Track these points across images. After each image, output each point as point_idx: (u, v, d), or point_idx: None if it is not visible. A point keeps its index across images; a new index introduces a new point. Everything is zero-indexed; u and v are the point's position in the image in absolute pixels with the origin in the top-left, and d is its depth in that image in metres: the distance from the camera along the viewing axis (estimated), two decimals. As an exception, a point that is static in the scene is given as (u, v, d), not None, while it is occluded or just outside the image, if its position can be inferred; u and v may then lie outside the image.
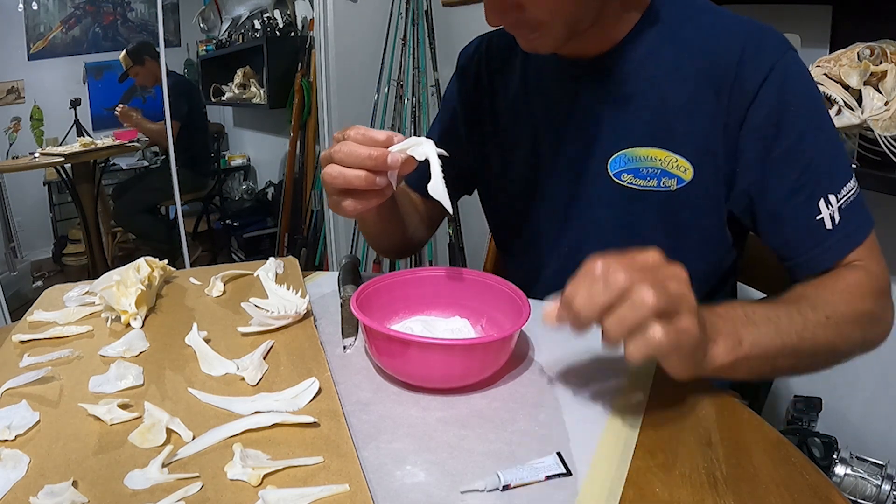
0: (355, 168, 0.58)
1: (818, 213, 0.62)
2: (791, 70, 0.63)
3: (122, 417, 0.47)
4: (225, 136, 3.84)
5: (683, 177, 0.67)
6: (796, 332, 0.54)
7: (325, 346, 0.61)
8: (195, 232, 3.19)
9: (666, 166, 0.67)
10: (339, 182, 0.59)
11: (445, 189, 0.59)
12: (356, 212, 0.62)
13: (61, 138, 3.04)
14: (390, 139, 0.58)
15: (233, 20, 3.37)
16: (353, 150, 0.58)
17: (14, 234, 3.02)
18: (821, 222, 0.62)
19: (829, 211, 0.62)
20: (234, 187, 3.81)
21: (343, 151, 0.58)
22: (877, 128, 0.94)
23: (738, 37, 0.64)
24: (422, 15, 2.21)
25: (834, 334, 0.57)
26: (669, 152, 0.67)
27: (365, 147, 0.58)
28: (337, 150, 0.59)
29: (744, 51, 0.63)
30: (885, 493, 0.98)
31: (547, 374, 0.58)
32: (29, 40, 2.90)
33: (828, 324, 0.57)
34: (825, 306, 0.58)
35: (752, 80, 0.62)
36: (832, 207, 0.62)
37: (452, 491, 0.42)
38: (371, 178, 0.58)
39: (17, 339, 0.61)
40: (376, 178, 0.58)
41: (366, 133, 0.59)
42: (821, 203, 0.62)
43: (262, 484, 0.40)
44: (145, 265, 0.71)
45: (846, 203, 0.62)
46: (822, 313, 0.57)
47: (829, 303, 0.58)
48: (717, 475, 0.44)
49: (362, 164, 0.58)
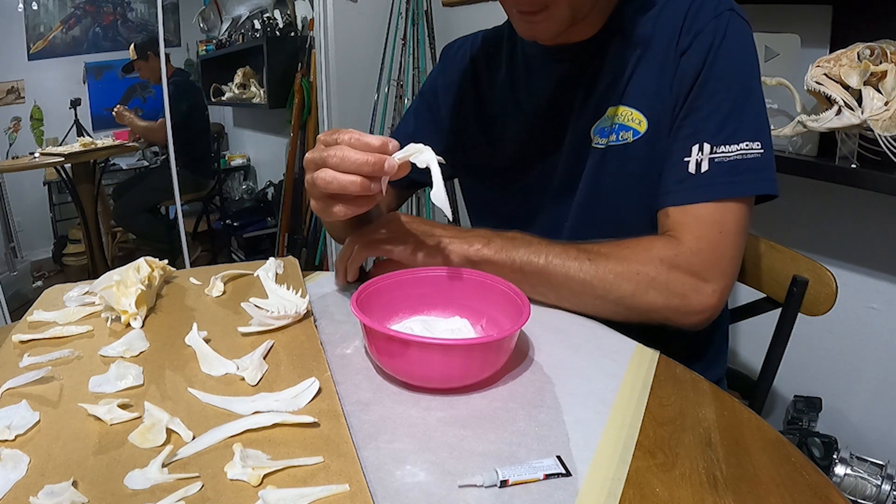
0: (351, 173, 0.58)
1: (687, 154, 0.66)
2: (729, 27, 0.66)
3: (122, 417, 0.47)
4: (225, 136, 3.84)
5: (638, 129, 0.70)
6: (548, 256, 0.64)
7: (325, 346, 0.61)
8: (195, 232, 3.19)
9: (623, 121, 0.71)
10: (333, 187, 0.58)
11: (447, 197, 0.59)
12: (345, 217, 0.62)
13: (61, 138, 3.04)
14: (385, 145, 0.58)
15: (233, 20, 3.37)
16: (348, 155, 0.57)
17: (14, 234, 3.02)
18: (686, 164, 0.65)
19: (699, 157, 0.65)
20: (234, 187, 3.81)
21: (338, 156, 0.57)
22: (877, 128, 0.94)
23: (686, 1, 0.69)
24: (422, 15, 2.21)
25: (589, 273, 0.64)
26: (626, 107, 0.71)
27: (361, 153, 0.57)
28: (331, 154, 0.58)
29: (690, 6, 0.68)
30: (885, 493, 0.98)
31: (547, 374, 0.58)
32: (29, 40, 2.90)
33: (587, 263, 0.64)
34: (598, 250, 0.65)
35: (690, 32, 0.67)
36: (702, 154, 0.65)
37: (452, 490, 0.42)
38: (366, 183, 0.58)
39: (17, 339, 0.61)
40: (371, 184, 0.58)
41: (360, 138, 0.58)
42: (694, 147, 0.65)
43: (262, 484, 0.40)
44: (145, 265, 0.71)
45: (722, 159, 0.64)
46: (587, 254, 0.64)
47: (602, 250, 0.65)
48: (717, 475, 0.44)
49: (359, 169, 0.57)
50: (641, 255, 0.64)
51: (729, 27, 0.66)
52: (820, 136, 1.07)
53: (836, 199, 1.16)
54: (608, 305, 0.65)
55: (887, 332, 1.17)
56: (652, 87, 0.70)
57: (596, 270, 0.64)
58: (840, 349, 1.25)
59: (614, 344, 0.64)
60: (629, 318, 0.66)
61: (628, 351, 0.62)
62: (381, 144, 0.58)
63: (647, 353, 0.62)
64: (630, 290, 0.64)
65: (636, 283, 0.64)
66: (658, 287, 0.64)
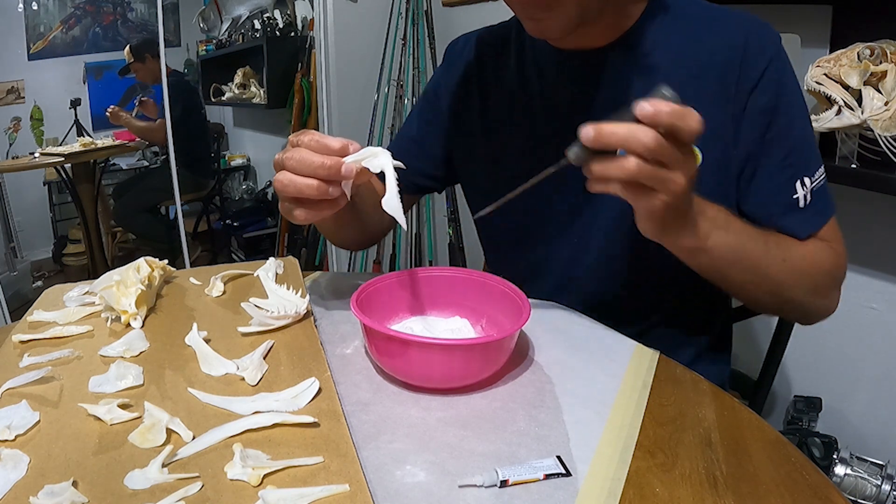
0: (307, 177, 0.55)
1: (795, 192, 0.68)
2: (785, 61, 0.68)
3: (122, 417, 0.47)
4: (225, 136, 3.84)
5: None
6: (757, 255, 0.63)
7: (325, 346, 0.61)
8: (195, 232, 3.19)
9: None
10: (290, 190, 0.56)
11: (400, 204, 0.56)
12: (307, 220, 0.60)
13: (61, 138, 3.04)
14: (345, 148, 0.56)
15: (233, 20, 3.37)
16: (305, 157, 0.55)
17: (14, 234, 3.02)
18: (795, 201, 0.68)
19: (804, 191, 0.68)
20: (234, 187, 3.81)
21: (295, 159, 0.55)
22: (877, 128, 0.94)
23: (741, 28, 0.68)
24: (422, 15, 2.21)
25: (784, 276, 0.66)
26: None
27: (318, 155, 0.55)
28: (289, 156, 0.56)
29: (747, 41, 0.67)
30: (885, 493, 0.98)
31: (547, 374, 0.58)
32: (29, 40, 2.90)
33: (782, 265, 0.65)
34: (787, 250, 0.66)
35: (755, 69, 0.67)
36: (806, 188, 0.68)
37: (452, 490, 0.42)
38: (323, 187, 0.55)
39: (17, 339, 0.61)
40: (329, 188, 0.56)
41: (320, 140, 0.56)
42: (797, 184, 0.68)
43: (262, 484, 0.40)
44: (145, 265, 0.71)
45: (817, 186, 0.69)
46: (781, 254, 0.65)
47: (791, 250, 0.67)
48: (717, 475, 0.44)
49: (314, 172, 0.55)
50: (812, 256, 0.68)
51: (785, 62, 0.68)
52: (820, 136, 1.07)
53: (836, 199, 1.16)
54: (778, 304, 0.71)
55: (887, 332, 1.17)
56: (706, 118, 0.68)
57: (788, 275, 0.67)
58: (840, 349, 1.25)
59: (614, 344, 0.64)
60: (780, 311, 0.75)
61: (628, 351, 0.62)
62: (340, 147, 0.56)
63: (647, 353, 0.62)
64: (802, 294, 0.68)
65: (808, 287, 0.68)
66: (820, 292, 0.70)
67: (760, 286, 0.66)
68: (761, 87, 0.67)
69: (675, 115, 0.48)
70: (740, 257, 0.62)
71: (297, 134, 0.59)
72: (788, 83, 0.68)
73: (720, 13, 0.70)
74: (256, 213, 3.45)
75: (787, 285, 0.66)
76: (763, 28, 0.69)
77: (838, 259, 0.70)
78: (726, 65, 0.67)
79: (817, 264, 0.68)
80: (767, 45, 0.67)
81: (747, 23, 0.69)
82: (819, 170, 0.69)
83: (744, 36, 0.67)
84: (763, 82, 0.67)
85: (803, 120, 0.69)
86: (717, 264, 0.62)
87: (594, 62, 0.72)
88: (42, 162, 2.73)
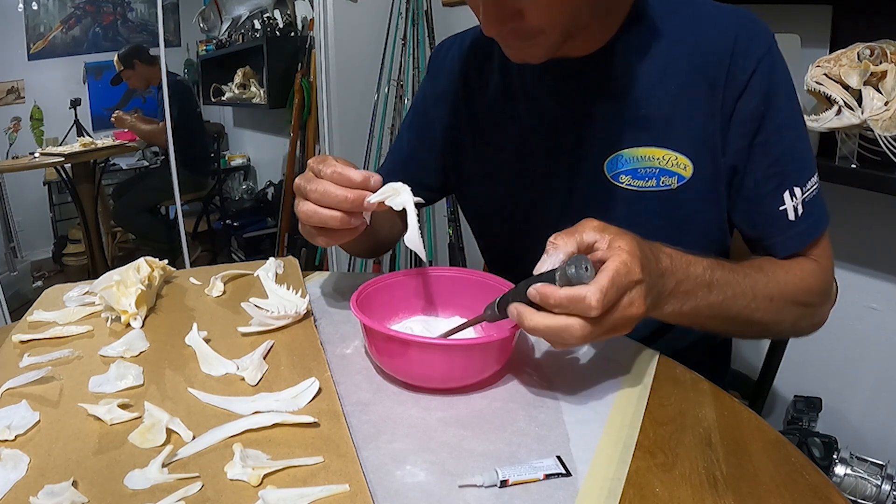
0: (331, 209, 0.58)
1: (782, 203, 0.65)
2: (776, 62, 0.65)
3: (122, 417, 0.47)
4: (225, 136, 3.84)
5: (683, 174, 0.67)
6: (740, 305, 0.60)
7: (325, 346, 0.61)
8: (195, 232, 3.19)
9: (665, 165, 0.67)
10: (314, 221, 0.59)
11: (422, 240, 0.59)
12: (329, 245, 0.64)
13: (61, 138, 3.04)
14: (367, 180, 0.58)
15: (233, 20, 3.37)
16: (329, 190, 0.58)
17: (14, 234, 3.01)
18: (783, 213, 0.65)
19: (794, 203, 0.65)
20: (234, 187, 3.81)
21: (319, 192, 0.58)
22: (877, 128, 0.94)
23: (729, 28, 0.65)
24: (422, 15, 2.21)
25: (770, 315, 0.63)
26: (668, 150, 0.67)
27: (342, 189, 0.58)
28: (313, 189, 0.58)
29: (736, 43, 0.64)
30: (885, 493, 0.98)
31: (547, 374, 0.58)
32: (29, 40, 2.90)
33: (769, 306, 0.62)
34: (775, 287, 0.63)
35: (744, 72, 0.64)
36: (796, 199, 0.65)
37: (452, 490, 0.42)
38: (346, 219, 0.58)
39: (17, 339, 0.61)
40: (351, 220, 0.59)
41: (342, 173, 0.58)
42: (786, 195, 0.65)
43: (262, 484, 0.40)
44: (145, 265, 0.71)
45: (809, 196, 0.66)
46: (769, 294, 0.62)
47: (779, 285, 0.63)
48: (717, 475, 0.44)
49: (339, 205, 0.58)
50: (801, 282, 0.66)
51: (776, 62, 0.65)
52: (820, 136, 1.07)
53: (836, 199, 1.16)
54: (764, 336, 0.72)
55: (887, 332, 1.17)
56: (698, 127, 0.66)
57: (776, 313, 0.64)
58: (840, 349, 1.25)
59: (614, 344, 0.64)
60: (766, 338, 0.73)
61: (628, 351, 0.62)
62: (362, 180, 0.58)
63: (647, 353, 0.62)
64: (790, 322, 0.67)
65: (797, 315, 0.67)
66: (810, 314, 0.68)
67: (747, 330, 0.66)
68: (748, 92, 0.64)
69: (565, 305, 0.46)
70: (723, 311, 0.60)
71: (318, 161, 0.61)
72: (779, 86, 0.65)
73: (708, 12, 0.67)
74: (256, 213, 3.44)
75: (774, 321, 0.65)
76: (753, 26, 0.65)
77: (825, 275, 0.68)
78: (714, 68, 0.65)
79: (805, 289, 0.66)
80: (756, 46, 0.64)
81: (736, 22, 0.65)
82: (811, 179, 0.66)
83: (732, 37, 0.64)
84: (751, 86, 0.64)
85: (794, 126, 0.66)
86: (692, 320, 0.59)
87: (578, 69, 0.69)
88: (42, 162, 2.72)
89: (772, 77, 0.64)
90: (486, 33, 0.60)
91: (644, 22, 0.67)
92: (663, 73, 0.67)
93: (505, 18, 0.58)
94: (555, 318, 0.47)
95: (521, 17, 0.58)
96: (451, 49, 0.84)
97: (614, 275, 0.46)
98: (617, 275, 0.46)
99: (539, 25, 0.58)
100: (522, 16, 0.58)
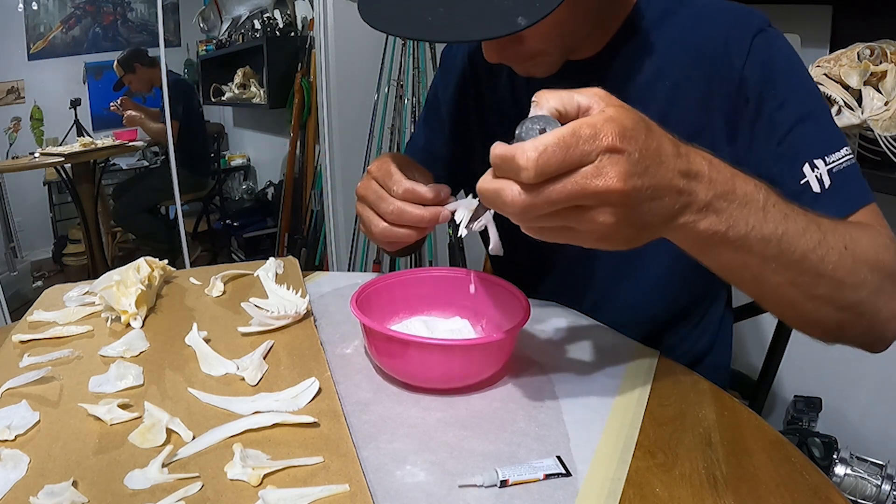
0: (407, 227, 0.61)
1: (802, 177, 0.58)
2: (771, 42, 0.62)
3: (122, 417, 0.47)
4: (225, 136, 3.84)
5: None
6: (805, 246, 0.47)
7: (325, 346, 0.61)
8: (195, 232, 3.19)
9: None
10: (390, 237, 0.62)
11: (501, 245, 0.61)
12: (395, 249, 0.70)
13: (61, 138, 3.04)
14: (438, 195, 0.60)
15: (233, 20, 3.37)
16: (404, 210, 0.60)
17: (14, 234, 3.02)
18: (807, 186, 0.58)
19: (816, 173, 0.58)
20: (234, 187, 3.81)
21: (395, 213, 0.60)
22: (877, 128, 0.94)
23: (722, 22, 0.64)
24: (422, 15, 2.20)
25: (846, 271, 0.49)
26: None
27: (417, 208, 0.60)
28: (387, 210, 0.60)
29: (729, 34, 0.63)
30: (885, 493, 0.98)
31: (547, 374, 0.58)
32: (29, 40, 2.90)
33: (844, 256, 0.49)
34: (846, 235, 0.50)
35: (737, 62, 0.62)
36: (819, 170, 0.58)
37: (452, 490, 0.42)
38: (423, 233, 0.62)
39: (17, 339, 0.61)
40: (425, 232, 0.62)
41: (414, 190, 0.60)
42: (805, 168, 0.58)
43: (262, 484, 0.40)
44: (145, 265, 0.71)
45: (838, 168, 0.58)
46: (841, 241, 0.49)
47: (851, 235, 0.51)
48: (717, 475, 0.44)
49: (417, 224, 0.60)
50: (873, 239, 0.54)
51: (771, 43, 0.62)
52: (820, 136, 1.07)
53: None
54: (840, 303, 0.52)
55: (887, 332, 1.17)
56: (693, 118, 0.65)
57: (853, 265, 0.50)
58: (840, 349, 1.24)
59: (614, 344, 0.64)
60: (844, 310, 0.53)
61: (628, 351, 0.62)
62: (434, 196, 0.60)
63: (647, 353, 0.62)
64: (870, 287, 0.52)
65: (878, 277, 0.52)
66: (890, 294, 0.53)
67: (813, 289, 0.49)
68: (743, 81, 0.62)
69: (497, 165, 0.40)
70: (780, 257, 0.46)
71: (384, 174, 0.62)
72: (777, 64, 0.61)
73: (704, 11, 0.67)
74: (256, 213, 3.45)
75: (851, 283, 0.50)
76: (746, 15, 0.64)
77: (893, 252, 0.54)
78: (709, 62, 0.64)
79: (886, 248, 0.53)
80: (748, 33, 0.62)
81: (730, 16, 0.64)
82: (837, 153, 0.58)
83: (726, 29, 0.63)
84: (745, 74, 0.62)
85: (802, 100, 0.61)
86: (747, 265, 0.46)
87: (581, 71, 0.69)
88: (42, 162, 2.72)
89: (768, 57, 0.62)
90: (489, 60, 0.61)
91: (643, 22, 0.68)
92: (662, 70, 0.67)
93: (505, 45, 0.59)
94: (493, 180, 0.40)
95: (520, 41, 0.58)
96: (462, 47, 0.84)
97: (566, 134, 0.37)
98: (571, 135, 0.37)
99: (538, 48, 0.59)
100: (522, 41, 0.58)
